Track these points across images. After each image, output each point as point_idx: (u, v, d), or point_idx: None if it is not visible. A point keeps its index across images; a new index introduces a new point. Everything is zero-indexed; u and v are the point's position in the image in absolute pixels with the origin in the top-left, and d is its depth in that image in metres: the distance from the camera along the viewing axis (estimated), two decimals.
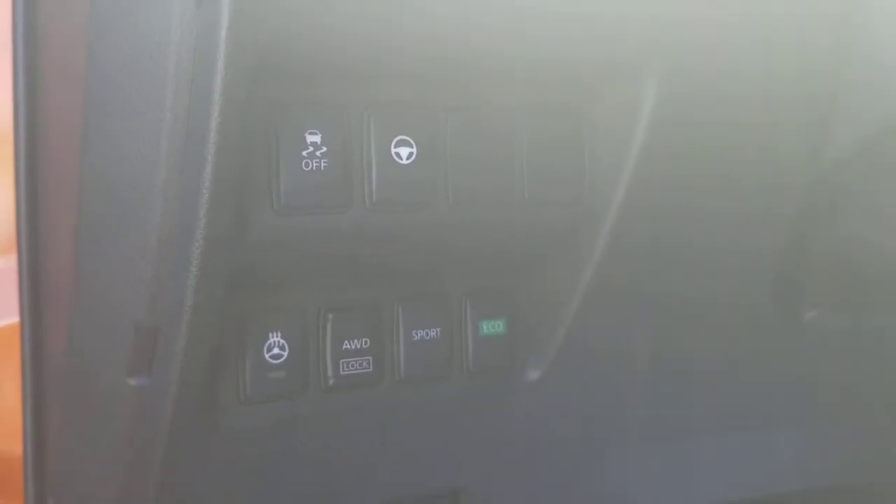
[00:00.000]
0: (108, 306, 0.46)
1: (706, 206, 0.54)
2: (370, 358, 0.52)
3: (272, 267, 0.46)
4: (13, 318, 0.62)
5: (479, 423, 0.58)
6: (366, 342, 0.52)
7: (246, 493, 0.53)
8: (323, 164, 0.44)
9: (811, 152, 0.55)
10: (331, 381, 0.51)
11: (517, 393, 0.57)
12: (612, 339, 0.58)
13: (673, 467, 0.73)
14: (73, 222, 0.48)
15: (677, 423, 0.67)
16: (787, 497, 0.79)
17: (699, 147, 0.51)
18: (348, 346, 0.51)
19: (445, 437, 0.58)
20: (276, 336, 0.49)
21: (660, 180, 0.51)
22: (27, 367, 0.61)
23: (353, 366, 0.51)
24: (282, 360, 0.49)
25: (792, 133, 0.54)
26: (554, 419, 0.61)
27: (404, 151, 0.46)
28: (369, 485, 0.58)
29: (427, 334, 0.53)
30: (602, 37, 0.48)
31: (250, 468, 0.52)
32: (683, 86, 0.49)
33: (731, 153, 0.52)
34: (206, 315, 0.44)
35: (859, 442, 0.74)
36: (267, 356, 0.49)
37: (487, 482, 0.63)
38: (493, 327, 0.56)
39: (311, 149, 0.44)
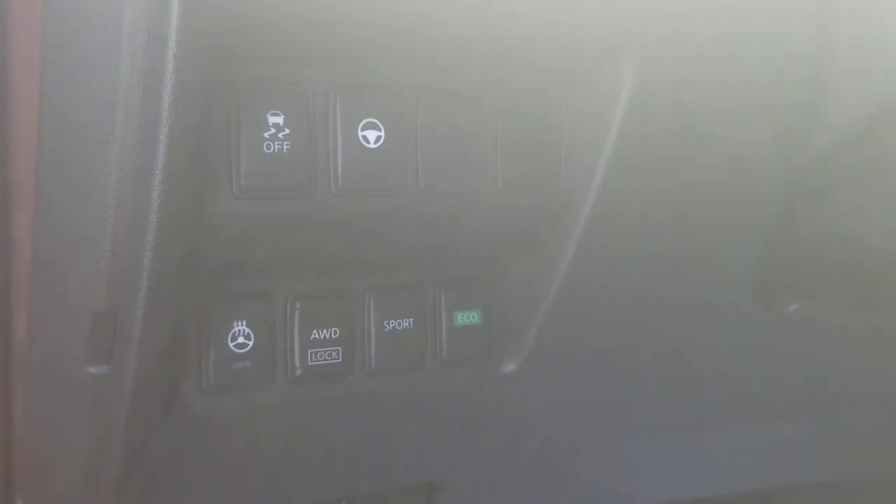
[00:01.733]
0: (66, 294, 0.45)
1: (685, 196, 0.53)
2: (340, 348, 0.50)
3: (234, 252, 0.45)
4: None
5: (453, 416, 0.57)
6: (335, 332, 0.50)
7: (209, 483, 0.52)
8: (286, 147, 0.42)
9: (793, 142, 0.54)
10: (298, 372, 0.50)
11: (492, 385, 0.56)
12: (588, 332, 0.57)
13: (647, 462, 0.72)
14: (30, 208, 0.46)
15: (652, 418, 0.66)
16: (766, 493, 0.78)
17: (677, 134, 0.50)
18: (317, 336, 0.50)
19: (418, 430, 0.57)
20: (241, 325, 0.48)
21: (637, 169, 0.50)
22: None
23: (321, 356, 0.50)
24: (247, 349, 0.48)
25: (773, 122, 0.53)
26: (529, 412, 0.59)
27: (372, 135, 0.45)
28: (339, 478, 0.57)
29: (399, 324, 0.52)
30: (580, 20, 0.47)
31: (214, 459, 0.50)
32: (662, 71, 0.48)
33: (710, 141, 0.51)
34: (164, 300, 0.43)
35: (842, 437, 0.73)
36: (231, 345, 0.48)
37: (462, 475, 0.62)
38: (468, 318, 0.54)
39: (273, 130, 0.42)
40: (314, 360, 0.50)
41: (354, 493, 0.60)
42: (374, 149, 0.45)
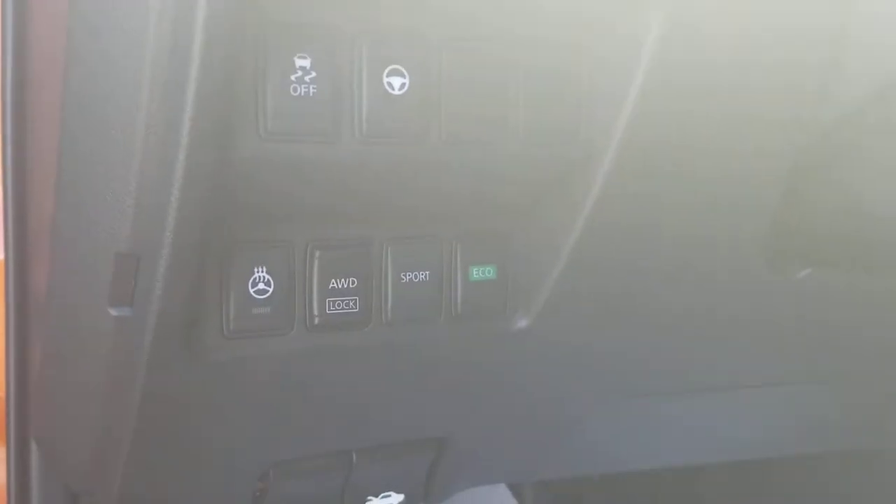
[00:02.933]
0: (89, 234, 0.45)
1: (705, 154, 0.53)
2: (357, 298, 0.51)
3: (257, 196, 0.45)
4: None
5: (466, 370, 0.57)
6: (353, 282, 0.51)
7: (226, 427, 0.52)
8: (312, 90, 0.43)
9: (814, 101, 0.54)
10: (316, 320, 0.50)
11: (505, 340, 0.56)
12: (601, 290, 0.57)
13: (657, 423, 0.73)
14: (55, 148, 0.46)
15: (661, 381, 0.67)
16: (772, 461, 0.79)
17: (699, 88, 0.50)
18: (335, 285, 0.50)
19: (431, 383, 0.57)
20: (262, 271, 0.48)
21: (659, 122, 0.50)
22: (11, 304, 0.60)
23: (339, 305, 0.51)
24: (266, 295, 0.48)
25: (795, 80, 0.53)
26: (539, 369, 0.60)
27: (397, 81, 0.45)
28: (350, 429, 0.58)
29: (416, 277, 0.53)
30: None
31: (231, 403, 0.51)
32: (686, 25, 0.48)
33: (733, 96, 0.51)
34: (188, 243, 0.43)
35: (848, 405, 0.74)
36: (251, 291, 0.48)
37: (470, 431, 0.62)
38: (484, 273, 0.55)
39: (299, 73, 0.42)
40: (332, 308, 0.50)
41: (364, 445, 0.61)
42: (399, 95, 0.45)
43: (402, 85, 0.45)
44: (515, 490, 1.23)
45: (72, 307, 0.49)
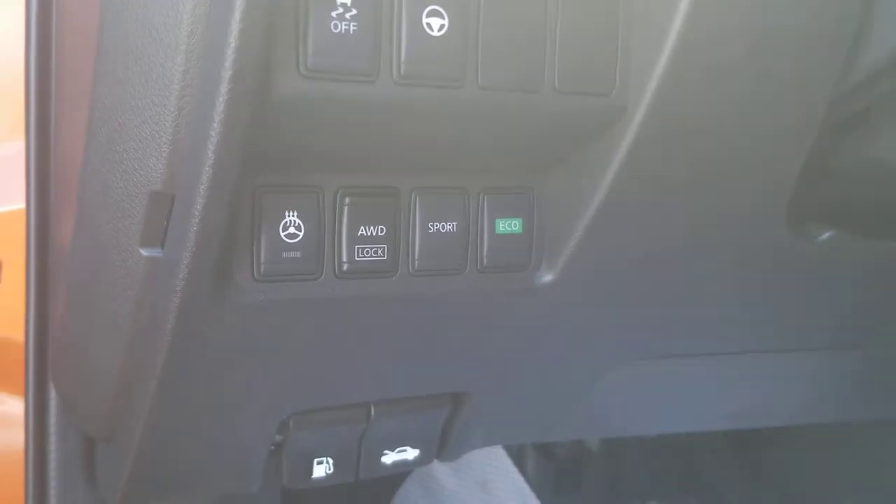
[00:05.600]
0: (121, 173, 0.45)
1: (733, 112, 0.53)
2: (385, 246, 0.51)
3: (293, 136, 0.45)
4: (17, 204, 0.61)
5: (488, 324, 0.58)
6: (381, 230, 0.51)
7: (250, 373, 0.53)
8: (352, 28, 0.42)
9: (842, 64, 0.54)
10: (345, 267, 0.50)
11: (528, 294, 0.56)
12: (627, 247, 0.57)
13: (673, 387, 0.73)
14: (87, 86, 0.46)
15: (682, 341, 0.67)
16: (791, 429, 0.79)
17: (732, 48, 0.50)
18: (364, 233, 0.50)
19: (453, 336, 0.58)
20: (293, 215, 0.48)
21: (692, 78, 0.50)
22: (32, 252, 0.60)
23: (367, 252, 0.51)
24: (297, 240, 0.49)
25: (824, 43, 0.53)
26: (562, 325, 0.60)
27: (435, 23, 0.45)
28: (371, 378, 0.58)
29: (443, 227, 0.53)
30: None
31: (257, 348, 0.51)
32: None
33: (764, 57, 0.51)
34: (224, 183, 0.43)
35: (866, 373, 0.74)
36: (283, 235, 0.48)
37: (489, 387, 0.63)
38: (510, 226, 0.55)
39: (340, 10, 0.42)
40: (361, 256, 0.50)
41: (383, 398, 0.61)
42: (437, 37, 0.45)
43: (441, 26, 0.45)
44: (518, 460, 1.23)
45: (100, 248, 0.49)
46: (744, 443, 1.24)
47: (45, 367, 0.62)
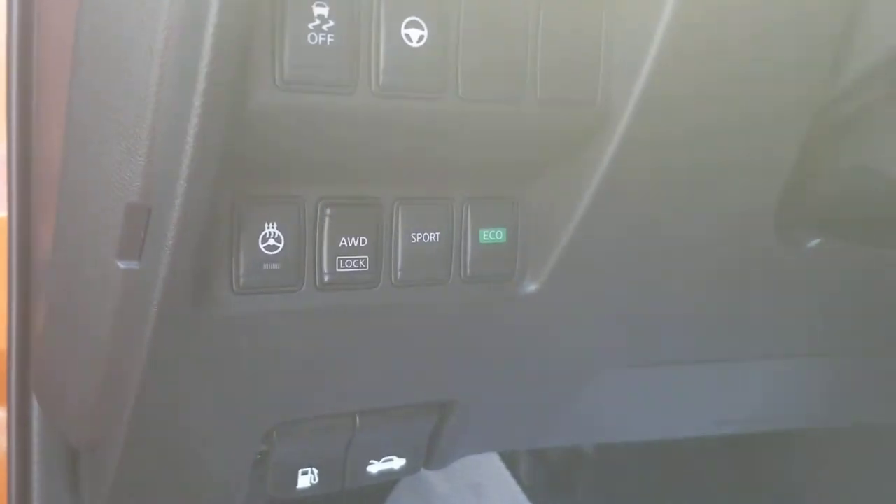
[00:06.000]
0: (99, 185, 0.45)
1: (717, 123, 0.53)
2: (367, 257, 0.51)
3: (271, 148, 0.44)
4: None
5: (472, 334, 0.57)
6: (363, 241, 0.50)
7: (232, 385, 0.52)
8: (329, 40, 0.42)
9: (827, 69, 0.53)
10: (326, 278, 0.50)
11: (513, 304, 0.56)
12: (612, 256, 0.57)
13: (661, 394, 0.73)
14: (64, 97, 0.46)
15: (669, 349, 0.67)
16: (781, 432, 0.79)
17: (715, 58, 0.49)
18: (345, 244, 0.50)
19: (437, 346, 0.57)
20: (272, 227, 0.48)
21: (676, 87, 0.49)
22: (14, 261, 0.60)
23: (349, 263, 0.50)
24: (277, 251, 0.48)
25: (809, 48, 0.53)
26: (546, 335, 0.60)
27: (415, 34, 0.44)
28: (355, 389, 0.58)
29: (426, 237, 0.52)
30: None
31: (238, 360, 0.51)
32: None
33: (748, 63, 0.51)
34: (201, 195, 0.42)
35: (853, 380, 0.74)
36: (262, 246, 0.48)
37: (475, 395, 0.62)
38: (494, 236, 0.54)
39: (317, 21, 0.42)
40: (342, 267, 0.50)
41: (368, 408, 0.61)
42: (417, 48, 0.44)
43: (421, 37, 0.44)
44: (511, 464, 1.23)
45: (79, 260, 0.48)
46: (736, 446, 1.24)
47: (27, 378, 0.62)
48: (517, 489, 1.21)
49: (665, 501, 1.24)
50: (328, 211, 0.49)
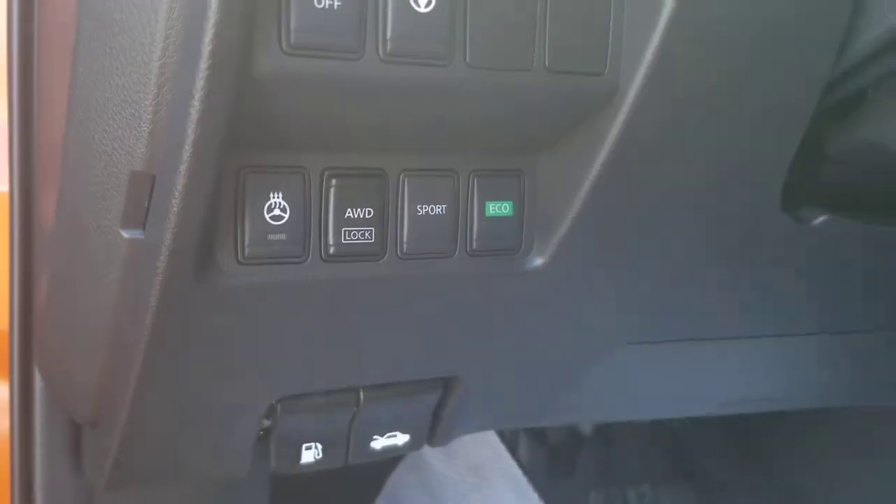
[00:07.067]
0: (102, 153, 0.44)
1: (725, 97, 0.52)
2: (373, 229, 0.50)
3: (276, 114, 0.44)
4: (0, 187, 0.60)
5: (478, 308, 0.57)
6: (369, 212, 0.50)
7: (235, 357, 0.52)
8: (336, 4, 0.41)
9: (839, 41, 0.53)
10: (331, 250, 0.49)
11: (518, 279, 0.56)
12: (619, 231, 0.57)
13: (665, 372, 0.73)
14: (67, 64, 0.45)
15: (674, 326, 0.66)
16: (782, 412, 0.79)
17: (726, 23, 0.49)
18: (351, 215, 0.49)
19: (442, 320, 0.57)
20: (278, 197, 0.47)
21: (684, 59, 0.49)
22: (15, 235, 0.59)
23: (354, 235, 0.50)
24: (282, 222, 0.48)
25: (820, 22, 0.52)
26: (553, 310, 0.59)
27: None
28: (360, 363, 0.57)
29: (432, 210, 0.52)
30: None
31: (242, 332, 0.50)
32: None
33: (760, 33, 0.50)
34: (206, 163, 0.42)
35: (859, 359, 0.73)
36: (267, 217, 0.47)
37: (479, 371, 0.62)
38: (500, 209, 0.54)
39: None
40: (347, 238, 0.50)
41: (372, 383, 0.60)
42: (424, 13, 0.43)
43: (429, 3, 0.44)
44: (511, 446, 1.23)
45: (82, 231, 0.48)
46: (736, 428, 1.24)
47: (30, 353, 0.61)
48: (517, 470, 1.21)
49: (664, 482, 1.25)
50: (334, 182, 0.49)
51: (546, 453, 1.25)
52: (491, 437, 1.22)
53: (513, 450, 1.23)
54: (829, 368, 0.76)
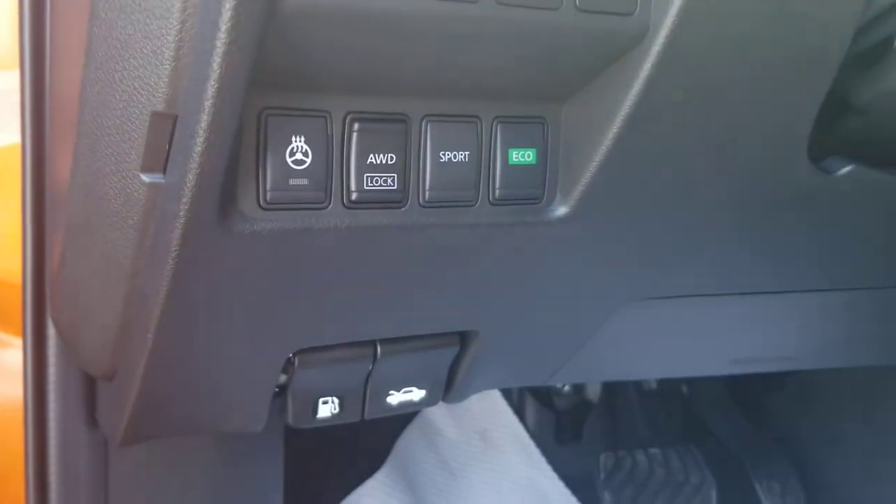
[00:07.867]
0: (122, 93, 0.43)
1: (758, 39, 0.51)
2: (395, 175, 0.49)
3: (300, 54, 0.43)
4: (12, 139, 0.59)
5: (499, 258, 0.56)
6: (392, 158, 0.49)
7: (255, 306, 0.51)
8: None
9: None
10: (354, 196, 0.48)
11: (541, 228, 0.55)
12: (644, 180, 0.56)
13: (683, 330, 0.72)
14: (86, 3, 0.44)
15: (696, 280, 0.66)
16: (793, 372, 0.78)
17: None
18: (373, 161, 0.48)
19: (463, 271, 0.56)
20: (300, 141, 0.46)
21: (714, 8, 0.48)
22: (28, 188, 0.58)
23: (377, 182, 0.49)
24: (304, 166, 0.47)
25: None
26: (575, 261, 0.59)
27: None
28: (378, 315, 0.57)
29: (455, 156, 0.51)
30: None
31: (262, 279, 0.50)
32: None
33: None
34: (230, 102, 0.41)
35: (883, 316, 0.73)
36: (289, 161, 0.46)
37: (497, 325, 0.61)
38: (523, 157, 0.53)
39: None
40: (370, 185, 0.49)
41: (390, 335, 0.60)
42: None
43: None
44: (518, 410, 1.23)
45: (100, 177, 0.47)
46: (744, 390, 1.24)
47: (43, 307, 0.61)
48: (524, 434, 1.22)
49: (671, 447, 1.25)
50: (356, 126, 0.48)
51: (554, 417, 1.25)
52: (499, 401, 1.22)
53: (521, 414, 1.23)
54: (846, 326, 0.76)
